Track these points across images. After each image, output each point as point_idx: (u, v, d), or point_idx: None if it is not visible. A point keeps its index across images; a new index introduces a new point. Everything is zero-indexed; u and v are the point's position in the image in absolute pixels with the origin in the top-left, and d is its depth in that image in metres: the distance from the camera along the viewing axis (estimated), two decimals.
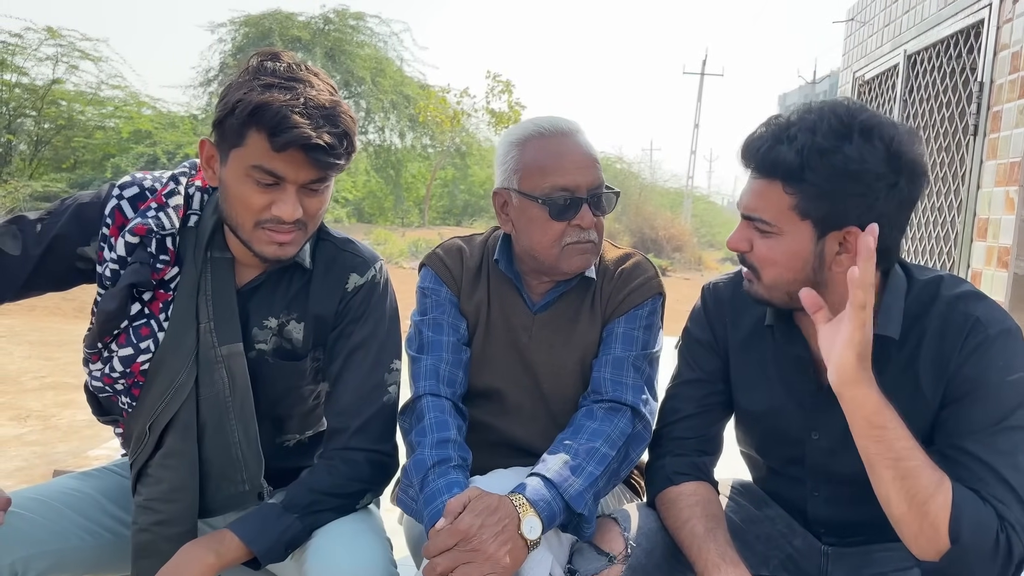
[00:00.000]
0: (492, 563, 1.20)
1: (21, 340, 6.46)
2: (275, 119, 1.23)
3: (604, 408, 1.48)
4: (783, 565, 1.46)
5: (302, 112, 1.24)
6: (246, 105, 1.24)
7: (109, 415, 1.53)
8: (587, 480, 1.35)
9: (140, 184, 1.40)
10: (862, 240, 1.14)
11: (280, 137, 1.23)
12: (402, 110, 25.14)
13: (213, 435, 1.40)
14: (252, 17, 23.66)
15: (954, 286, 1.30)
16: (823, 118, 1.20)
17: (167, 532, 1.36)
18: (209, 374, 1.40)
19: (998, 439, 1.17)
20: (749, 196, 1.28)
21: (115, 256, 1.36)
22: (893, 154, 1.19)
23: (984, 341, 1.21)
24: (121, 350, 1.38)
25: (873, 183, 1.18)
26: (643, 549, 1.33)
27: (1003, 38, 3.10)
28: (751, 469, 1.62)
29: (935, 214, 3.85)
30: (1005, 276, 2.91)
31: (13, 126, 17.16)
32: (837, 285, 1.27)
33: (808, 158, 1.18)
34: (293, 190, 1.30)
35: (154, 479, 1.39)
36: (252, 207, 1.30)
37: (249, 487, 1.44)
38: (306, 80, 1.29)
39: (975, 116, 3.26)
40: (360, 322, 1.46)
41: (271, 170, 1.27)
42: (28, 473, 3.43)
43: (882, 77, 4.78)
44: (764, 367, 1.43)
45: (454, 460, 1.41)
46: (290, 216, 1.29)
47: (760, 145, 1.24)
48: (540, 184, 1.48)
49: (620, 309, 1.57)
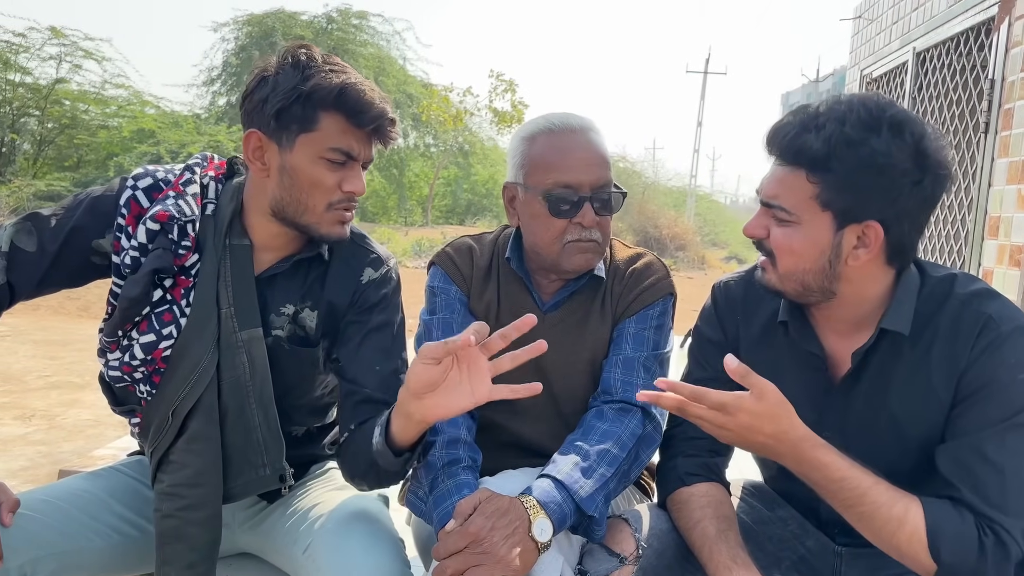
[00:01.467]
0: (503, 565, 1.20)
1: (26, 339, 6.46)
2: (353, 99, 1.33)
3: (615, 409, 1.47)
4: (795, 566, 1.45)
5: (370, 92, 1.36)
6: (329, 90, 1.32)
7: (125, 405, 1.53)
8: (598, 482, 1.34)
9: (153, 176, 1.44)
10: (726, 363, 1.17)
11: (362, 116, 1.34)
12: (405, 109, 25.15)
13: (235, 419, 1.42)
14: (255, 16, 23.71)
15: (968, 284, 1.29)
16: (853, 109, 1.20)
17: (193, 516, 1.38)
18: (230, 358, 1.42)
19: (1007, 436, 1.17)
20: (771, 183, 1.27)
21: (135, 244, 1.38)
22: (920, 151, 1.18)
23: (996, 339, 1.20)
24: (143, 337, 1.40)
25: (898, 178, 1.18)
26: (654, 550, 1.33)
27: (1015, 35, 3.08)
28: (762, 469, 1.61)
29: (946, 212, 3.83)
30: (1017, 274, 2.89)
31: (17, 125, 17.18)
32: (852, 280, 1.27)
33: (835, 148, 1.18)
34: (358, 167, 1.40)
35: (178, 464, 1.40)
36: (326, 187, 1.37)
37: (270, 471, 1.45)
38: (343, 67, 1.38)
39: (986, 114, 3.24)
40: (375, 311, 1.49)
41: (347, 150, 1.36)
42: (33, 473, 3.42)
43: (890, 75, 4.76)
44: (776, 365, 1.41)
45: (464, 461, 1.40)
46: (362, 189, 1.39)
47: (787, 132, 1.24)
48: (543, 180, 1.48)
49: (631, 309, 1.56)
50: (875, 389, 1.31)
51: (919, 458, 1.30)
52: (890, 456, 1.30)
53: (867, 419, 1.33)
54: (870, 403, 1.32)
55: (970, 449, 1.19)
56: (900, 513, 1.15)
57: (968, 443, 1.19)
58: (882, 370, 1.31)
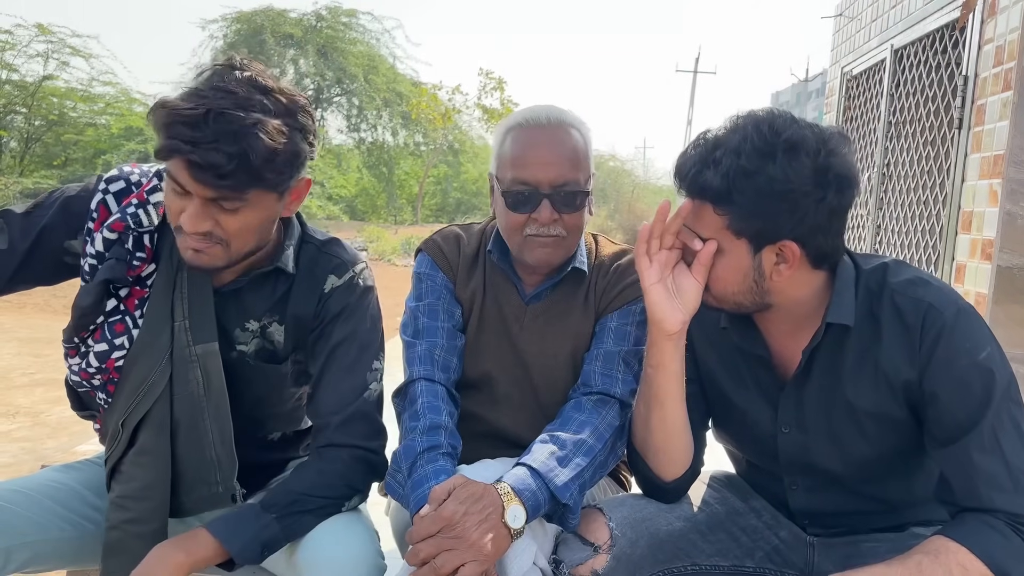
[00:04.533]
0: (475, 551, 1.21)
1: (10, 337, 6.44)
2: (160, 125, 1.18)
3: (593, 400, 1.48)
4: (769, 557, 1.46)
5: (192, 123, 1.16)
6: (152, 107, 1.20)
7: (88, 410, 1.53)
8: (573, 471, 1.35)
9: (127, 178, 1.39)
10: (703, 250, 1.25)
11: (160, 144, 1.18)
12: (395, 107, 25.10)
13: (187, 434, 1.39)
14: (244, 14, 23.61)
15: (899, 272, 1.31)
16: (747, 138, 1.20)
17: (137, 530, 1.34)
18: (183, 373, 1.38)
19: (993, 423, 1.18)
20: (686, 213, 1.29)
21: (94, 251, 1.35)
22: (819, 168, 1.19)
23: (943, 327, 1.22)
24: (97, 346, 1.38)
25: (800, 200, 1.19)
26: (628, 539, 1.34)
27: (987, 32, 3.12)
28: (733, 463, 1.63)
29: (920, 207, 3.87)
30: (989, 268, 2.93)
31: (3, 123, 17.07)
32: (782, 291, 1.29)
33: (734, 181, 1.19)
34: (200, 203, 1.23)
35: (127, 476, 1.38)
36: (170, 211, 1.27)
37: (223, 489, 1.42)
38: (233, 92, 1.20)
39: (960, 110, 3.28)
40: (339, 322, 1.45)
41: (174, 176, 1.22)
42: (16, 469, 3.43)
43: (869, 72, 4.79)
44: (732, 364, 1.44)
45: (443, 447, 1.41)
46: (190, 228, 1.23)
47: (689, 169, 1.25)
48: (506, 175, 1.50)
49: (614, 304, 1.57)
50: (828, 382, 1.33)
51: (884, 447, 1.32)
52: (856, 447, 1.32)
53: (824, 413, 1.34)
54: (825, 397, 1.33)
55: (967, 449, 1.19)
56: (956, 567, 1.14)
57: (963, 446, 1.19)
58: (832, 363, 1.32)
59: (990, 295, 2.88)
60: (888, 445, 1.32)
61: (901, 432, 1.30)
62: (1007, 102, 2.92)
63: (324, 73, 24.12)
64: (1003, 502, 1.16)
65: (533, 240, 1.50)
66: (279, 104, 1.25)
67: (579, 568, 1.32)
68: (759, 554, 1.46)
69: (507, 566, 1.29)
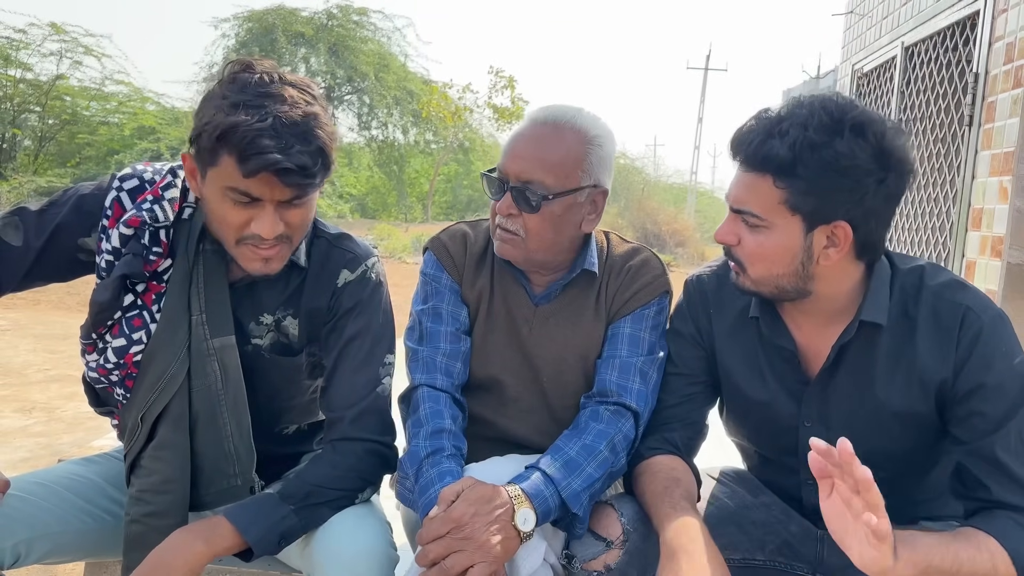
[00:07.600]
0: (484, 552, 1.21)
1: (26, 333, 6.49)
2: (242, 143, 1.20)
3: (610, 411, 1.46)
4: (779, 550, 1.46)
5: (271, 133, 1.20)
6: (215, 128, 1.21)
7: (105, 406, 1.54)
8: (586, 481, 1.35)
9: (140, 176, 1.41)
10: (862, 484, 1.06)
11: (248, 163, 1.20)
12: (405, 105, 25.12)
13: (205, 427, 1.40)
14: (256, 12, 23.65)
15: (936, 275, 1.32)
16: (814, 113, 1.21)
17: (158, 523, 1.35)
18: (201, 366, 1.40)
19: (1014, 431, 1.21)
20: (739, 189, 1.29)
21: (110, 248, 1.37)
22: (883, 150, 1.20)
23: (981, 330, 1.24)
24: (115, 341, 1.39)
25: (863, 178, 1.20)
26: (640, 534, 1.34)
27: (998, 29, 3.11)
28: (744, 458, 1.63)
29: (931, 204, 3.86)
30: (999, 265, 2.93)
31: (17, 121, 17.20)
32: (825, 278, 1.29)
33: (800, 152, 1.19)
34: (271, 208, 1.28)
35: (146, 470, 1.39)
36: (232, 225, 1.29)
37: (241, 481, 1.43)
38: (278, 94, 1.24)
39: (970, 107, 3.27)
40: (352, 316, 1.46)
41: (245, 191, 1.25)
42: (33, 464, 3.46)
43: (880, 69, 4.78)
44: (752, 357, 1.44)
45: (447, 450, 1.41)
46: (269, 234, 1.28)
47: (752, 139, 1.25)
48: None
49: (627, 308, 1.55)
50: (857, 380, 1.33)
51: (905, 444, 1.33)
52: (879, 444, 1.33)
53: (850, 409, 1.35)
54: (852, 393, 1.34)
55: (998, 447, 1.21)
56: (986, 558, 1.15)
57: (988, 444, 1.22)
58: (862, 361, 1.33)
59: (1000, 292, 2.87)
60: (909, 442, 1.33)
61: (924, 430, 1.32)
62: (1017, 99, 2.91)
63: (335, 71, 24.16)
64: (1021, 500, 1.20)
65: (496, 231, 1.51)
66: (308, 94, 1.29)
67: (592, 563, 1.32)
68: (769, 547, 1.47)
69: (517, 564, 1.30)
